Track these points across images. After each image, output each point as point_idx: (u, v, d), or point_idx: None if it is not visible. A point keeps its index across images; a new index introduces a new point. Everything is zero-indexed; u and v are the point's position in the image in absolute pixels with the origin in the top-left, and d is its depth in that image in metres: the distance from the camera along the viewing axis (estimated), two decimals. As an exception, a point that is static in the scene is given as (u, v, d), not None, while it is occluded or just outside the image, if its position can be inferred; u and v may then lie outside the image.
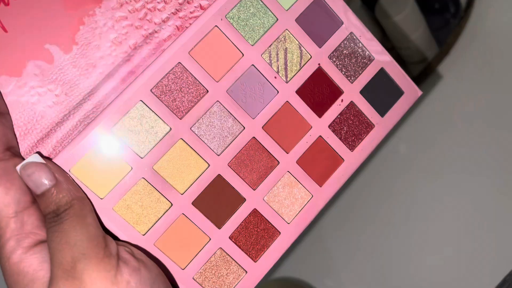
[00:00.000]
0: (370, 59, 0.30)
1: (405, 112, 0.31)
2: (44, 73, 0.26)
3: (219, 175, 0.28)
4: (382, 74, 0.31)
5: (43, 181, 0.23)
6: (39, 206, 0.24)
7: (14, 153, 0.24)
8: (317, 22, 0.29)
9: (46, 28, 0.25)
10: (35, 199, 0.24)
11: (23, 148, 0.25)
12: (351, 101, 0.30)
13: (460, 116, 0.53)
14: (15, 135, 0.25)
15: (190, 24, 0.27)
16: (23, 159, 0.25)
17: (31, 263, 0.23)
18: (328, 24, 0.29)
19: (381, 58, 0.30)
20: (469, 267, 0.49)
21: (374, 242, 0.53)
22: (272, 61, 0.29)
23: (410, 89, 0.31)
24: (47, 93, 0.26)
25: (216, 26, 0.27)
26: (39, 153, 0.25)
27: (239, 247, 0.28)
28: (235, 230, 0.28)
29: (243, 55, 0.28)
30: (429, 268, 0.51)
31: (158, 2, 0.27)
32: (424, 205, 0.52)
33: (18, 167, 0.23)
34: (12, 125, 0.25)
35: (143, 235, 0.27)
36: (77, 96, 0.26)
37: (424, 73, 0.54)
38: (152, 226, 0.27)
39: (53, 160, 0.25)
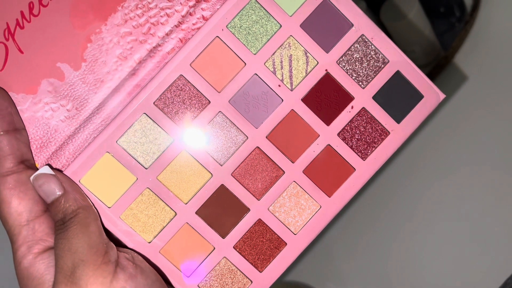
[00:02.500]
0: (384, 62, 0.29)
1: (425, 118, 0.29)
2: (56, 89, 0.27)
3: (222, 185, 0.28)
4: (398, 77, 0.29)
5: (52, 191, 0.25)
6: (51, 214, 0.26)
7: (28, 166, 0.26)
8: (324, 26, 0.28)
9: (57, 48, 0.27)
10: (47, 208, 0.26)
11: (40, 160, 0.27)
12: (363, 107, 0.29)
13: (464, 120, 0.51)
14: (30, 149, 0.27)
15: (193, 35, 0.28)
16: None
17: (39, 268, 0.25)
18: (336, 27, 0.28)
19: (397, 60, 0.29)
20: (471, 270, 0.48)
21: (378, 248, 0.52)
22: (276, 69, 0.28)
23: (430, 93, 0.29)
24: (59, 108, 0.27)
25: (217, 36, 0.27)
26: (49, 165, 0.27)
27: (244, 257, 0.28)
28: (239, 239, 0.28)
29: (245, 64, 0.28)
30: (432, 273, 0.50)
31: (161, 16, 0.28)
32: (429, 212, 0.51)
33: (31, 178, 0.25)
34: (28, 140, 0.27)
35: (149, 242, 0.28)
36: (87, 110, 0.28)
37: (429, 76, 0.51)
38: (157, 234, 0.28)
39: (64, 171, 0.27)
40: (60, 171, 0.27)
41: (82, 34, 0.27)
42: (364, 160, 0.29)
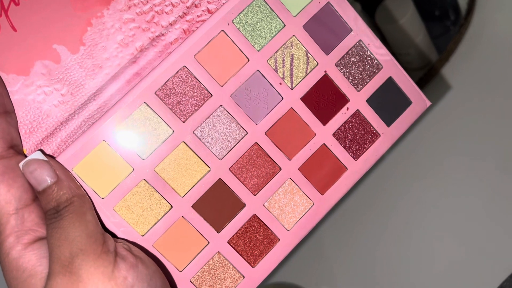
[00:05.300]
0: (378, 68, 0.30)
1: (412, 123, 0.31)
2: (51, 72, 0.26)
3: (220, 179, 0.28)
4: (390, 83, 0.30)
5: (45, 178, 0.24)
6: (40, 203, 0.24)
7: (17, 151, 0.25)
8: (325, 29, 0.29)
9: (55, 29, 0.26)
10: (36, 197, 0.25)
11: (28, 146, 0.26)
12: (357, 110, 0.30)
13: (460, 123, 0.53)
14: (19, 134, 0.25)
15: (197, 27, 0.27)
16: (26, 157, 0.25)
17: (30, 259, 0.23)
18: (336, 31, 0.29)
19: (390, 67, 0.30)
20: (467, 274, 0.49)
21: (373, 250, 0.53)
22: (278, 67, 0.28)
23: (418, 99, 0.31)
24: (53, 93, 0.26)
25: (222, 30, 0.27)
26: (41, 150, 0.25)
27: (238, 252, 0.28)
28: (234, 234, 0.28)
29: (248, 60, 0.28)
30: (427, 275, 0.50)
31: (166, 5, 0.27)
32: (424, 214, 0.52)
33: (21, 164, 0.24)
34: (17, 124, 0.25)
35: (142, 236, 0.27)
36: (82, 96, 0.26)
37: (423, 79, 0.53)
38: (151, 228, 0.27)
39: (56, 158, 0.25)
40: (52, 157, 0.25)
41: (83, 16, 0.26)
42: (356, 160, 0.30)
